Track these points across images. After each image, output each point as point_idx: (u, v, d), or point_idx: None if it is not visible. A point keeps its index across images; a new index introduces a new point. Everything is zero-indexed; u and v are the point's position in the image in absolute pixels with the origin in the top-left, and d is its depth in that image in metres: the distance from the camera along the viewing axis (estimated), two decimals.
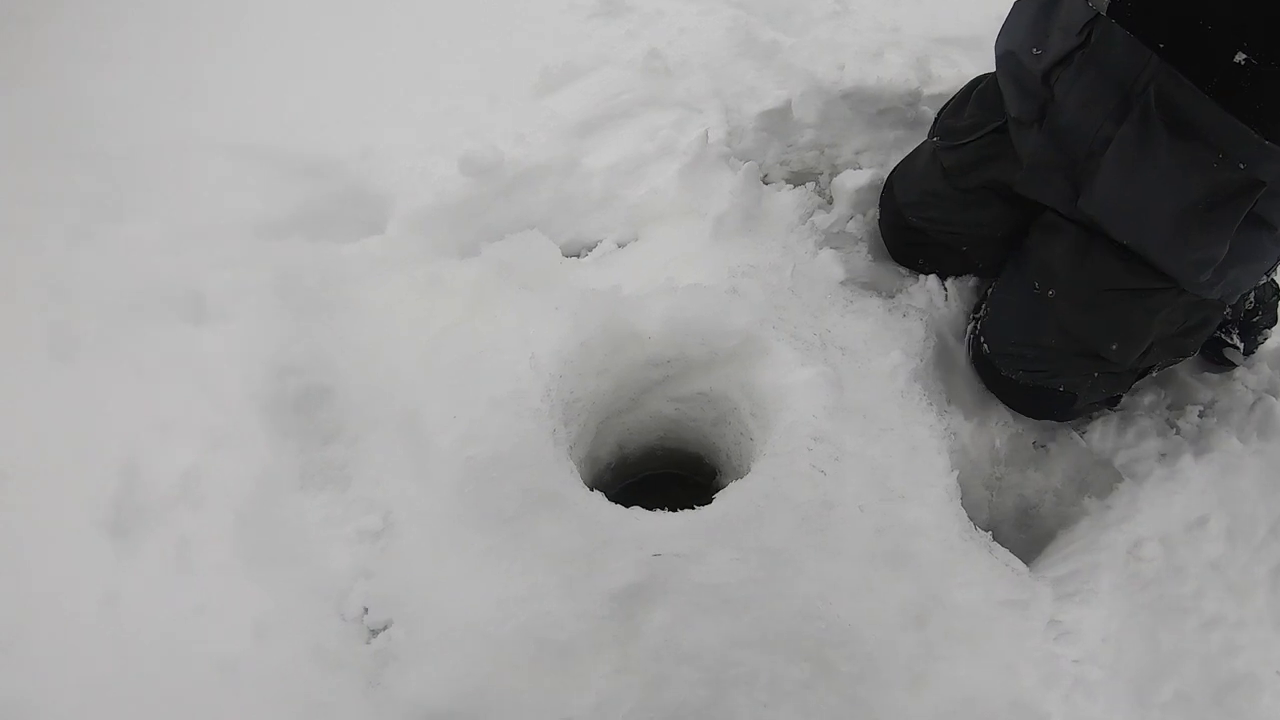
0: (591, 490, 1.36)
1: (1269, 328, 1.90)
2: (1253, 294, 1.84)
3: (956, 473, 1.46)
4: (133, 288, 1.62)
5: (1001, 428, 1.78)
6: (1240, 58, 1.20)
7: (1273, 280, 1.89)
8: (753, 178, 1.85)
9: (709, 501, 1.33)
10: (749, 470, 1.40)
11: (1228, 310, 1.71)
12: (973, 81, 1.82)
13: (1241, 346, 1.84)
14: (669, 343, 1.50)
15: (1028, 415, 1.78)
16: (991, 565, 1.35)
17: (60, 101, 2.06)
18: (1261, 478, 1.65)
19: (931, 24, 2.36)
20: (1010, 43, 1.57)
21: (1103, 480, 1.74)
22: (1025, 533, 1.70)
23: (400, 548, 1.36)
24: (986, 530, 1.56)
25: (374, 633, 1.31)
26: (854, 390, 1.48)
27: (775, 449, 1.35)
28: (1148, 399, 1.86)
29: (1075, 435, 1.82)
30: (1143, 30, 1.29)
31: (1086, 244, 1.56)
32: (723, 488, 1.38)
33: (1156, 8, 1.27)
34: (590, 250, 1.89)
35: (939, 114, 1.89)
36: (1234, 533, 1.58)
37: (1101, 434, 1.81)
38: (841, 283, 1.75)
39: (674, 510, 1.34)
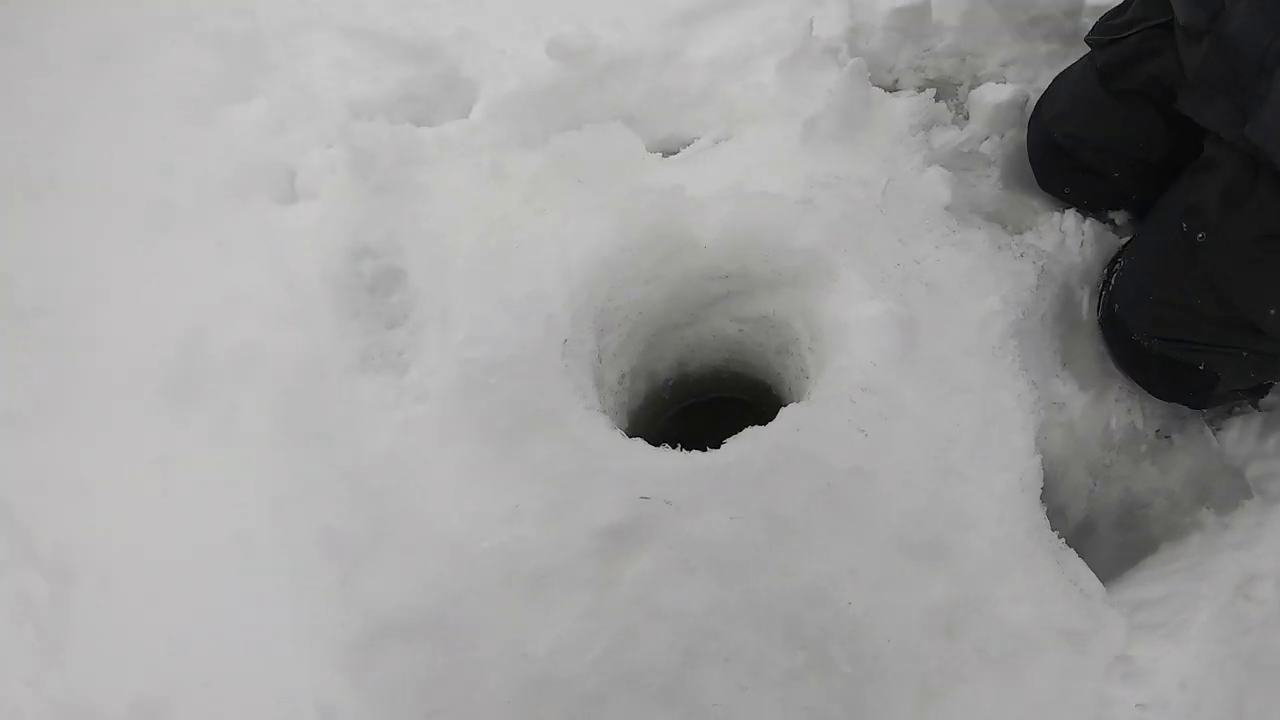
0: (621, 413, 1.23)
1: None
2: None
3: (1040, 457, 1.21)
4: (232, 167, 1.69)
5: (1121, 406, 1.51)
6: None
7: None
8: (859, 77, 1.59)
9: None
10: None
11: None
12: None
13: None
14: (728, 254, 1.32)
15: (1156, 395, 1.50)
16: (1056, 579, 1.10)
17: None
18: None
19: None
20: None
21: (1228, 492, 1.47)
22: (1126, 535, 1.46)
23: (403, 445, 1.27)
24: (1079, 525, 1.34)
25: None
26: (932, 337, 1.24)
27: (815, 396, 1.15)
28: None
29: (1208, 430, 1.54)
30: None
31: (1250, 180, 1.26)
32: None
33: None
34: (686, 145, 1.73)
35: (1100, 19, 1.59)
36: None
37: (1240, 434, 1.52)
38: (947, 207, 1.49)
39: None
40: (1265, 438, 1.51)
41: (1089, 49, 1.55)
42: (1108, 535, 1.47)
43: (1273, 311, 1.27)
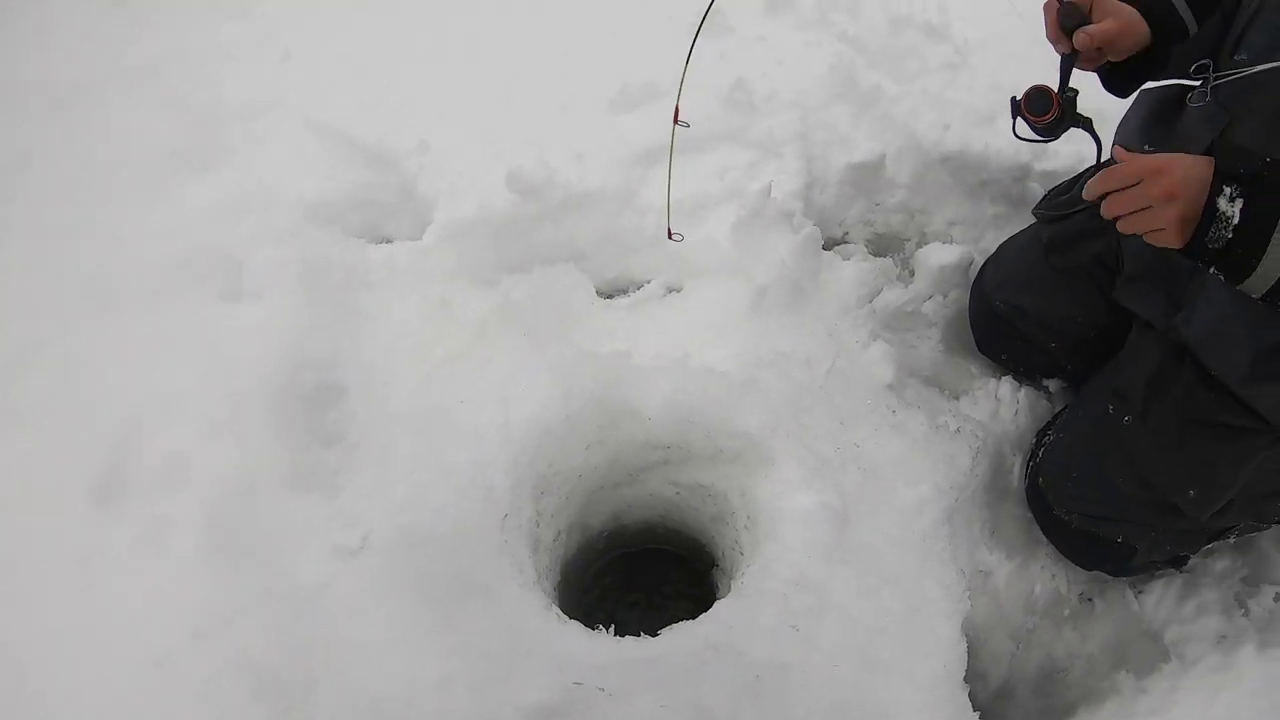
0: (552, 578, 1.23)
1: None
2: None
3: (964, 644, 1.25)
4: (179, 250, 1.71)
5: (1046, 573, 1.57)
6: None
7: None
8: (812, 245, 1.66)
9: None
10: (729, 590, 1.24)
11: None
12: (1089, 167, 1.61)
13: None
14: (670, 428, 1.35)
15: (1077, 564, 1.56)
16: None
17: (168, 48, 2.21)
18: None
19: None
20: (1122, 138, 1.43)
21: (1146, 656, 1.53)
22: (1044, 700, 1.48)
23: (336, 588, 1.26)
24: (998, 690, 1.37)
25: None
26: (864, 525, 1.27)
27: (746, 587, 1.17)
28: (1220, 565, 1.62)
29: (1129, 594, 1.60)
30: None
31: (1176, 369, 1.34)
32: (717, 585, 1.23)
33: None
34: (637, 289, 1.76)
35: (1048, 192, 1.68)
36: None
37: (1160, 597, 1.59)
38: (889, 386, 1.54)
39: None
40: (1184, 601, 1.57)
41: (1039, 221, 1.63)
42: (1025, 699, 1.50)
43: (1192, 493, 1.34)
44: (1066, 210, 1.55)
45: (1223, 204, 0.97)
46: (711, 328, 1.54)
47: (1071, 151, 1.89)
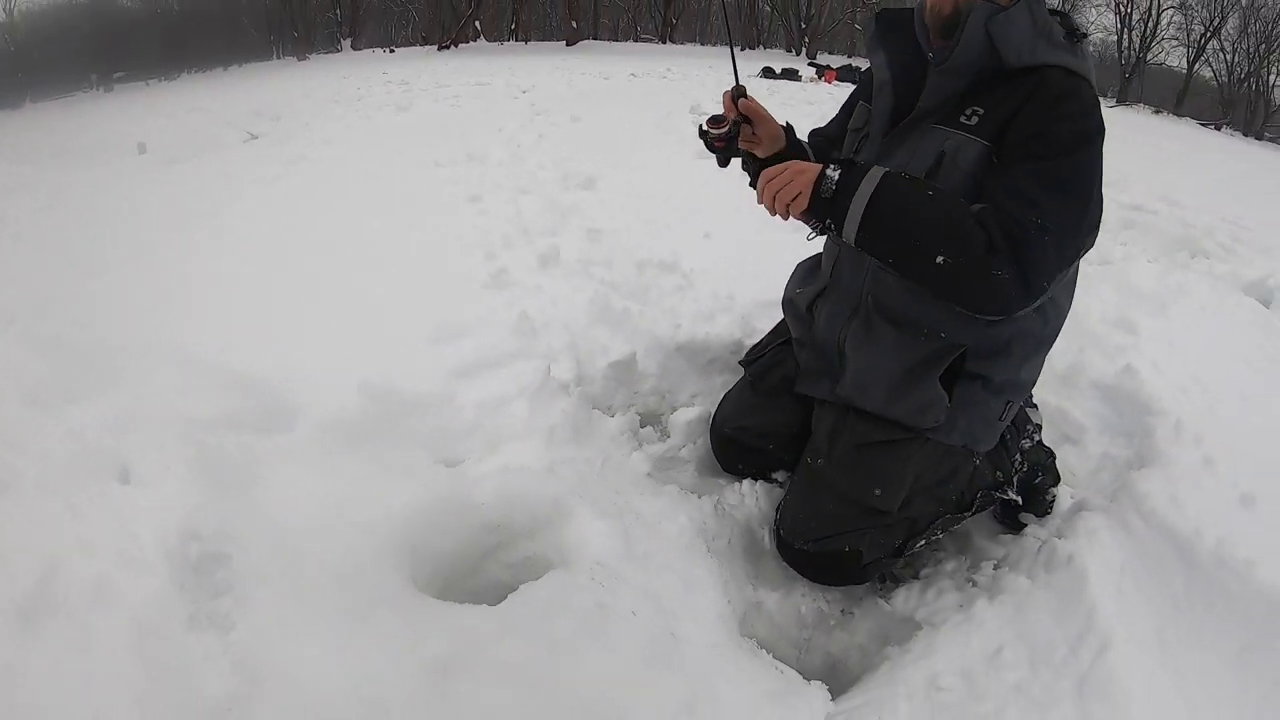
0: None
1: (1054, 486, 2.23)
2: (1025, 462, 2.18)
3: (731, 603, 1.72)
4: (71, 449, 1.92)
5: (807, 598, 2.05)
6: (940, 259, 1.61)
7: (1041, 443, 2.24)
8: (584, 403, 2.31)
9: None
10: None
11: (999, 473, 2.06)
12: (773, 332, 2.35)
13: (1020, 500, 2.14)
14: (499, 510, 1.86)
15: (824, 583, 2.04)
16: (758, 666, 1.60)
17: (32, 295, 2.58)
18: (1053, 606, 1.87)
19: (760, 290, 2.88)
20: (789, 291, 2.22)
21: (904, 632, 1.94)
22: (831, 681, 1.84)
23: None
24: None
25: None
26: (642, 543, 1.82)
27: (565, 572, 1.63)
28: (950, 565, 2.16)
29: (880, 601, 2.07)
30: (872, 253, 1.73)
31: (843, 416, 1.96)
32: None
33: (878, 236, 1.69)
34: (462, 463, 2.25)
35: (748, 351, 2.38)
36: (1034, 659, 1.77)
37: (905, 597, 2.07)
38: (648, 474, 2.12)
39: None
40: (925, 592, 2.07)
41: (743, 370, 2.31)
42: None
43: (877, 492, 1.90)
44: (760, 353, 2.29)
45: (829, 171, 1.67)
46: (521, 456, 2.11)
47: (762, 329, 2.64)
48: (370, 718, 1.40)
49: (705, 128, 1.89)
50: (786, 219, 1.72)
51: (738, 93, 1.89)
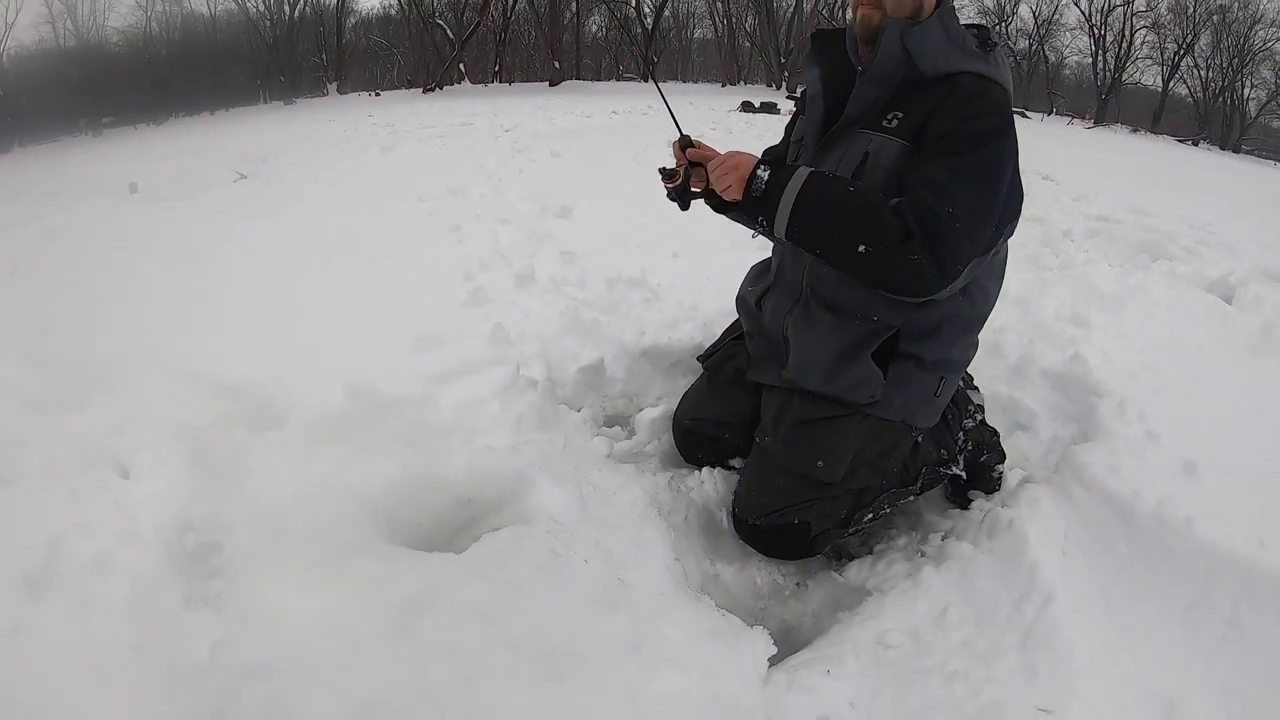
0: None
1: (1000, 464, 2.35)
2: (969, 440, 2.31)
3: (679, 560, 1.83)
4: (75, 448, 2.05)
5: (763, 571, 2.18)
6: (861, 248, 1.79)
7: (985, 423, 2.37)
8: (549, 395, 2.43)
9: None
10: None
11: (943, 451, 2.18)
12: (730, 329, 2.50)
13: (965, 475, 2.27)
14: (470, 486, 2.02)
15: (777, 556, 2.16)
16: (702, 610, 1.72)
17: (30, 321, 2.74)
18: (997, 569, 1.99)
19: (724, 301, 3.01)
20: (742, 289, 2.43)
21: (855, 599, 2.07)
22: (785, 645, 1.94)
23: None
24: None
25: None
26: (598, 509, 1.95)
27: (524, 525, 1.81)
28: (901, 540, 2.29)
29: (833, 574, 2.18)
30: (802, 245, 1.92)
31: (788, 398, 2.10)
32: None
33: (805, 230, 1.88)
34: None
35: (706, 349, 2.52)
36: (980, 617, 1.88)
37: (857, 569, 2.20)
38: (607, 455, 2.25)
39: None
40: (876, 564, 2.19)
41: (702, 366, 2.45)
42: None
43: (820, 464, 2.02)
44: (715, 348, 2.45)
45: (759, 171, 1.87)
46: (487, 437, 2.24)
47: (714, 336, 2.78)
48: (345, 651, 1.54)
49: (663, 176, 2.08)
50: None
51: (685, 142, 2.05)
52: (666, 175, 2.06)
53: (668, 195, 2.08)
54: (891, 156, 1.88)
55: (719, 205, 2.03)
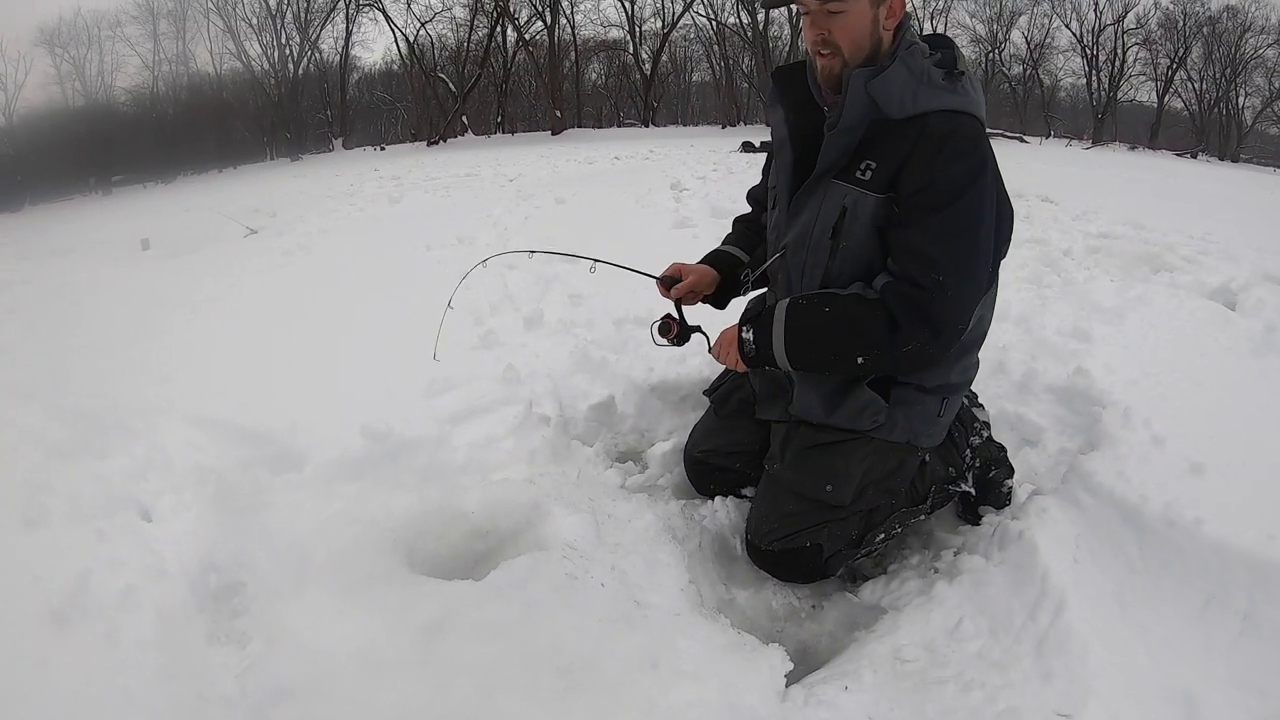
0: None
1: (1009, 479, 2.38)
2: (976, 457, 2.34)
3: (694, 583, 1.88)
4: (101, 492, 2.13)
5: (778, 595, 2.19)
6: (860, 359, 1.90)
7: (991, 439, 2.40)
8: (561, 430, 2.48)
9: None
10: None
11: (950, 469, 2.22)
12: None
13: (974, 492, 2.29)
14: (485, 515, 2.08)
15: (791, 580, 2.18)
16: (718, 628, 1.79)
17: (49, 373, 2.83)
18: (1009, 579, 2.01)
19: None
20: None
21: (871, 618, 2.09)
22: (802, 665, 1.95)
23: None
24: None
25: None
26: (612, 535, 2.00)
27: (540, 552, 1.89)
28: (914, 559, 2.29)
29: (848, 595, 2.20)
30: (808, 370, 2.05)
31: (794, 428, 2.14)
32: None
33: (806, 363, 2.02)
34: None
35: (712, 382, 2.58)
36: (994, 627, 1.90)
37: (871, 589, 2.19)
38: (620, 487, 2.29)
39: None
40: (890, 583, 2.19)
41: (708, 399, 2.49)
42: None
43: (829, 487, 2.06)
44: (720, 382, 2.52)
45: (744, 334, 2.01)
46: (502, 472, 2.28)
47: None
48: (369, 673, 1.60)
49: (657, 339, 2.23)
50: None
51: (668, 284, 2.25)
52: (663, 331, 2.20)
53: (671, 343, 2.22)
54: (869, 211, 1.89)
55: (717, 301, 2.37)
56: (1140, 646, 1.85)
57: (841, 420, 2.07)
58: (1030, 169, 12.46)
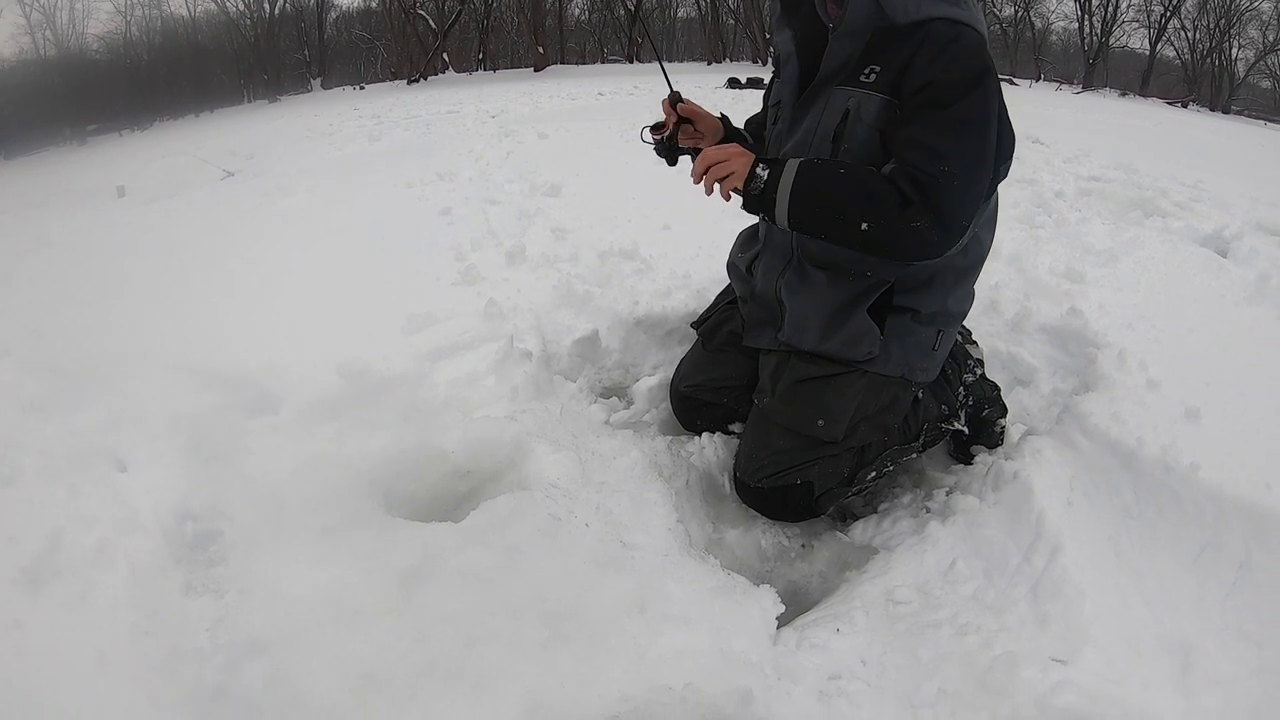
0: None
1: (1002, 418, 2.34)
2: (969, 395, 2.29)
3: (682, 522, 1.82)
4: (74, 446, 2.05)
5: (767, 534, 2.16)
6: (864, 225, 1.78)
7: (985, 377, 2.35)
8: (544, 365, 2.41)
9: None
10: None
11: (944, 406, 2.16)
12: (721, 295, 2.48)
13: (967, 431, 2.25)
14: (467, 456, 2.00)
15: (781, 518, 2.14)
16: (707, 570, 1.71)
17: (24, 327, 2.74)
18: (1003, 519, 1.99)
19: (715, 269, 2.99)
20: (732, 256, 2.41)
21: (862, 557, 2.07)
22: (793, 606, 1.94)
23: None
24: None
25: None
26: (597, 473, 1.93)
27: (522, 491, 1.80)
28: (906, 498, 2.27)
29: (838, 534, 2.16)
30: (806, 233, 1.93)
31: (785, 359, 2.08)
32: None
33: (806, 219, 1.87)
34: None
35: (700, 315, 2.50)
36: (989, 569, 1.88)
37: (862, 529, 2.16)
38: (605, 423, 2.22)
39: None
40: (881, 523, 2.17)
41: (696, 333, 2.42)
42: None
43: (821, 422, 2.01)
44: (709, 314, 2.42)
45: (759, 170, 1.84)
46: (483, 410, 2.22)
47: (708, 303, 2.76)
48: (345, 624, 1.53)
49: (646, 136, 2.11)
50: (710, 195, 1.89)
51: (674, 98, 2.08)
52: (654, 128, 2.07)
53: (655, 150, 2.06)
54: (873, 112, 1.85)
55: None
56: (1136, 593, 1.82)
57: (834, 348, 2.01)
58: (1020, 110, 12.15)
